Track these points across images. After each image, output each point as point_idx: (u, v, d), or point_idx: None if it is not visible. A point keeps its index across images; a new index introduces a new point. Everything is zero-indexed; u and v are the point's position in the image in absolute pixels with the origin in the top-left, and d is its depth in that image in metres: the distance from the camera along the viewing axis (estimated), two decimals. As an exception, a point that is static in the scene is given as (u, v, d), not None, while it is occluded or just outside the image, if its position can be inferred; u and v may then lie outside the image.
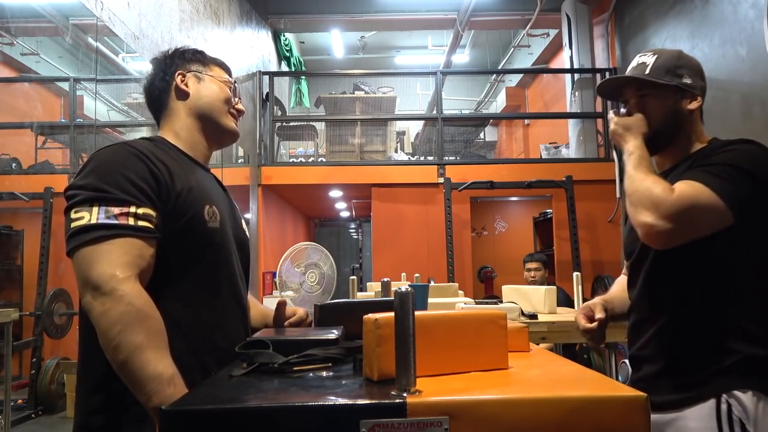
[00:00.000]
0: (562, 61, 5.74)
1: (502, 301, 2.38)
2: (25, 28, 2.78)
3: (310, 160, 5.92)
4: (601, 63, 5.42)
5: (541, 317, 2.14)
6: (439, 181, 5.01)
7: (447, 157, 5.54)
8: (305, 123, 6.21)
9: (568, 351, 3.54)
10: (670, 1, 4.28)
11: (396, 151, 6.01)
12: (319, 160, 5.86)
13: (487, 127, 7.32)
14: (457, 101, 9.30)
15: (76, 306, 0.96)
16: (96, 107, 2.76)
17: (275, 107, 5.68)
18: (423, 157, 6.09)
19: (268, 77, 5.42)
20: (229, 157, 4.88)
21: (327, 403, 0.61)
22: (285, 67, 6.92)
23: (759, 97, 3.37)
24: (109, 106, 3.24)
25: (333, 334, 0.88)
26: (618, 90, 1.31)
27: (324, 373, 0.77)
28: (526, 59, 7.87)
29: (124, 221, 0.96)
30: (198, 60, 1.22)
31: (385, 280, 1.29)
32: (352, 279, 2.91)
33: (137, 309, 0.91)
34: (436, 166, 5.08)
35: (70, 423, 1.01)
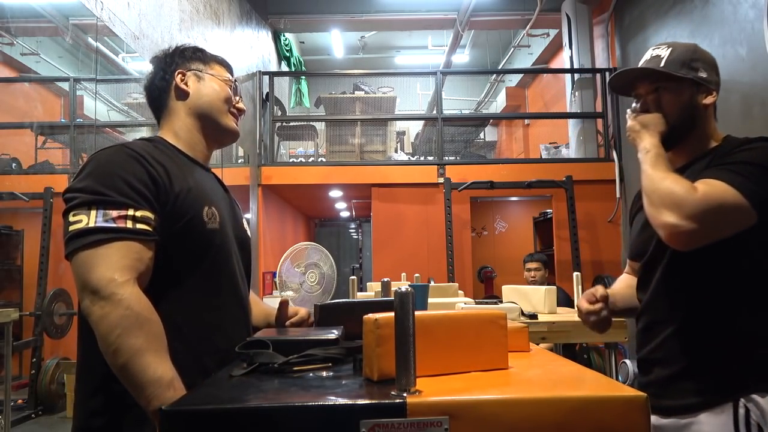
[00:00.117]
0: (562, 61, 5.74)
1: (502, 301, 2.38)
2: (25, 28, 2.78)
3: (310, 160, 5.92)
4: (601, 63, 5.41)
5: (541, 317, 2.14)
6: (439, 181, 5.01)
7: (447, 157, 5.54)
8: (305, 123, 6.21)
9: (568, 351, 3.54)
10: (670, 1, 4.28)
11: (396, 151, 6.01)
12: (319, 160, 5.86)
13: (487, 127, 7.32)
14: (457, 101, 9.30)
15: (76, 306, 0.96)
16: (96, 107, 2.76)
17: (275, 107, 5.68)
18: (423, 157, 6.09)
19: (268, 77, 5.41)
20: (229, 157, 4.88)
21: (327, 403, 0.61)
22: (285, 67, 6.92)
23: (759, 97, 3.37)
24: (109, 106, 3.24)
25: (333, 334, 0.88)
26: (631, 84, 1.26)
27: (324, 373, 0.77)
28: (526, 59, 7.87)
29: (122, 224, 0.96)
30: (198, 58, 1.21)
31: (385, 280, 1.29)
32: (352, 279, 2.91)
33: (136, 313, 0.91)
34: (436, 166, 5.08)
35: (70, 423, 1.01)
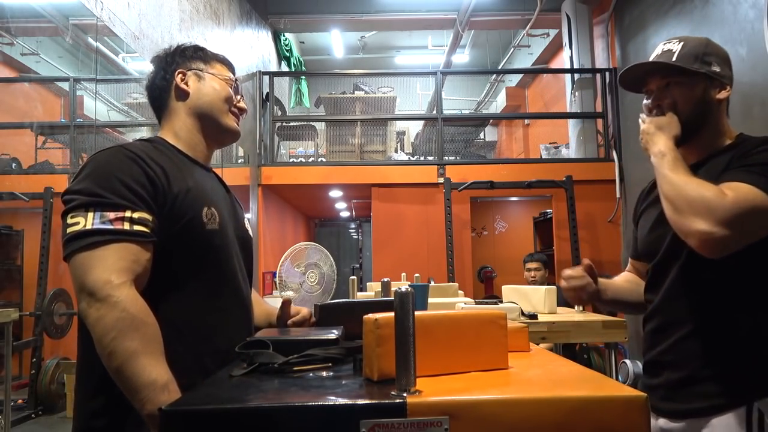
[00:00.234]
0: (562, 61, 5.74)
1: (502, 301, 2.38)
2: (25, 28, 2.78)
3: (310, 160, 5.91)
4: (601, 63, 5.41)
5: (541, 317, 2.14)
6: (439, 181, 5.01)
7: (447, 157, 5.53)
8: (305, 123, 6.21)
9: (568, 351, 3.54)
10: (670, 1, 4.28)
11: (396, 151, 6.01)
12: (319, 160, 5.86)
13: (487, 127, 7.32)
14: (457, 101, 9.30)
15: (76, 306, 0.96)
16: (96, 107, 2.76)
17: (275, 107, 5.67)
18: (423, 157, 6.09)
19: (268, 77, 5.41)
20: (229, 157, 4.88)
21: (327, 403, 0.61)
22: (285, 67, 6.92)
23: (759, 97, 3.36)
24: (109, 106, 3.24)
25: (333, 334, 0.88)
26: (642, 79, 1.23)
27: (324, 373, 0.77)
28: (526, 59, 7.87)
29: (119, 226, 0.95)
30: (199, 57, 1.21)
31: (385, 280, 1.29)
32: (352, 279, 2.91)
33: (132, 315, 0.90)
34: (436, 166, 5.08)
35: (70, 423, 1.01)
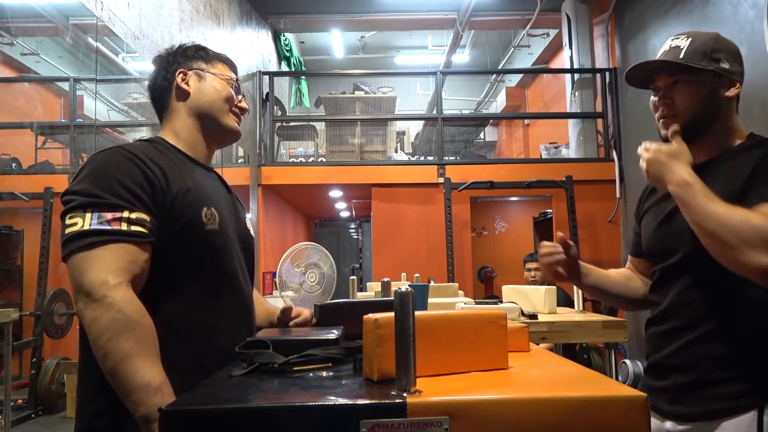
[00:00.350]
0: (562, 61, 5.74)
1: (502, 301, 2.38)
2: (25, 28, 2.78)
3: (310, 160, 5.91)
4: (601, 63, 5.41)
5: (541, 317, 2.14)
6: (439, 181, 5.01)
7: (447, 157, 5.54)
8: (305, 123, 6.21)
9: (568, 351, 3.54)
10: (670, 1, 4.28)
11: (396, 151, 6.01)
12: (319, 160, 5.86)
13: (487, 127, 7.32)
14: (457, 101, 9.30)
15: (76, 306, 0.96)
16: (96, 107, 2.76)
17: (275, 107, 5.67)
18: (423, 157, 6.09)
19: (268, 77, 5.42)
20: (229, 157, 4.89)
21: (327, 403, 0.61)
22: (285, 67, 6.92)
23: (759, 97, 3.36)
24: (109, 106, 3.24)
25: (333, 334, 0.88)
26: (648, 76, 1.20)
27: (324, 373, 0.77)
28: (526, 59, 7.87)
29: (116, 226, 0.95)
30: (201, 57, 1.20)
31: (385, 280, 1.29)
32: (352, 279, 2.91)
33: (127, 317, 0.90)
34: (436, 166, 5.08)
35: (70, 423, 1.01)
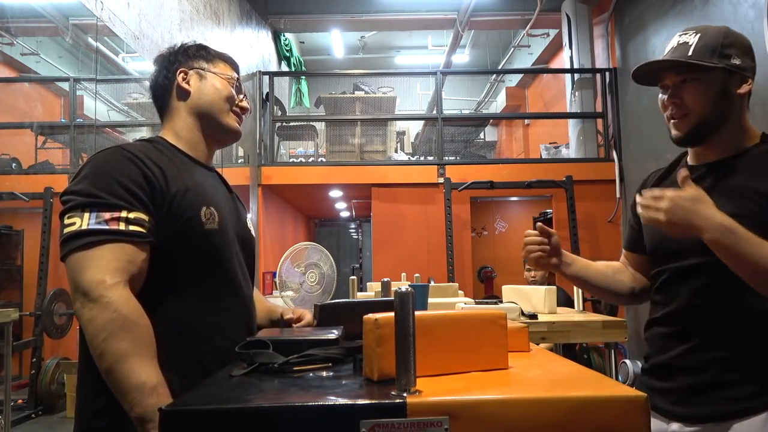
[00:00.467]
0: (562, 61, 5.74)
1: (502, 301, 2.38)
2: (25, 28, 2.78)
3: (310, 160, 5.91)
4: (601, 63, 5.41)
5: (541, 317, 2.14)
6: (439, 181, 5.01)
7: (447, 157, 5.53)
8: (305, 123, 6.21)
9: (568, 351, 3.54)
10: (670, 1, 4.28)
11: (396, 151, 6.01)
12: (319, 160, 5.86)
13: (487, 127, 7.32)
14: (457, 101, 9.30)
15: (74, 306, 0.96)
16: (96, 107, 2.76)
17: (275, 107, 5.67)
18: (423, 157, 6.09)
19: (268, 77, 5.41)
20: (229, 157, 4.89)
21: (327, 403, 0.61)
22: (285, 67, 6.92)
23: (759, 97, 3.36)
24: (109, 106, 3.24)
25: (333, 334, 0.88)
26: (656, 75, 1.16)
27: (324, 373, 0.77)
28: (526, 59, 7.87)
29: (114, 226, 0.95)
30: (202, 56, 1.20)
31: (385, 280, 1.29)
32: (352, 279, 2.91)
33: (123, 317, 0.90)
34: (436, 166, 5.08)
35: (70, 423, 1.01)
